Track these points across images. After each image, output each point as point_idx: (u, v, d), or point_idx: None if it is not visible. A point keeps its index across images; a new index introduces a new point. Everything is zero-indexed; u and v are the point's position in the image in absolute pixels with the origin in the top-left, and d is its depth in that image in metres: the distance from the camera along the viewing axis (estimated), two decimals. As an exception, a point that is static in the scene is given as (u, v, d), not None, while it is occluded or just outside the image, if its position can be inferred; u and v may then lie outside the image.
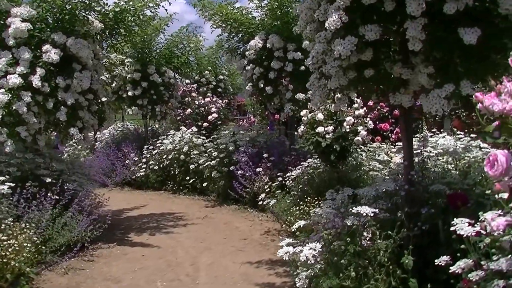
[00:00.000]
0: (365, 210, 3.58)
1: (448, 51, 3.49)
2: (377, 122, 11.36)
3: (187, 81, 15.29)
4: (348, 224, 3.72)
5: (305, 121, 7.06)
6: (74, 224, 6.11)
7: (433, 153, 5.78)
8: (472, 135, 6.35)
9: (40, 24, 6.41)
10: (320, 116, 6.80)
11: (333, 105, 4.96)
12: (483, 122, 1.98)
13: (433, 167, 5.43)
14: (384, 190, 4.25)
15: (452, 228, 2.89)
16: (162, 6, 7.60)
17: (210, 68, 16.04)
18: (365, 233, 3.74)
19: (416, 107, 4.52)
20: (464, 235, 2.74)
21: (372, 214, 3.59)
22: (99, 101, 7.30)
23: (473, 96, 2.01)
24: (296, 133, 8.07)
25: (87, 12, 6.70)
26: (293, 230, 4.87)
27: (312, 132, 6.85)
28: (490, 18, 3.38)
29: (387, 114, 11.63)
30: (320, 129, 6.71)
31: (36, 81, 6.08)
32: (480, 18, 3.35)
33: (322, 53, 4.07)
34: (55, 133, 7.56)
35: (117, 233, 7.43)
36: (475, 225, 2.73)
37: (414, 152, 4.98)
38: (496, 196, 2.14)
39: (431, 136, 7.88)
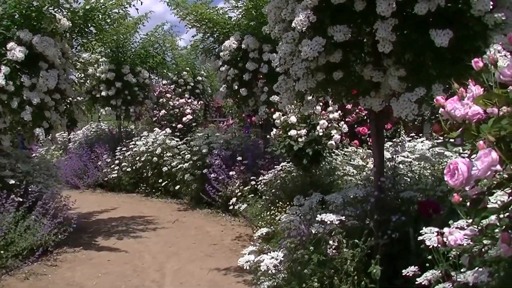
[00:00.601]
0: (329, 217, 3.43)
1: (419, 53, 3.39)
2: (355, 126, 11.21)
3: (164, 81, 15.04)
4: (313, 232, 3.58)
5: (278, 124, 6.93)
6: (37, 227, 5.90)
7: (409, 158, 5.69)
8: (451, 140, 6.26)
9: (6, 21, 6.19)
10: (293, 119, 6.67)
11: (301, 107, 4.81)
12: (445, 128, 1.84)
13: (408, 173, 5.33)
14: (352, 196, 4.12)
15: (420, 238, 2.79)
16: (133, 6, 7.39)
17: (188, 68, 15.77)
18: (330, 242, 3.60)
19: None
20: (430, 245, 2.63)
21: (337, 222, 3.45)
22: (68, 101, 7.08)
23: (434, 100, 1.88)
24: (268, 136, 7.93)
25: (55, 10, 6.48)
26: (255, 237, 4.73)
27: (285, 135, 6.73)
28: (463, 20, 3.29)
29: (365, 117, 11.43)
30: (292, 132, 6.58)
31: (0, 79, 5.87)
32: (453, 19, 3.25)
33: (290, 54, 3.92)
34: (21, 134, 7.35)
35: (84, 236, 7.21)
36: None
37: (388, 157, 4.88)
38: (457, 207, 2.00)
39: (409, 141, 7.82)
